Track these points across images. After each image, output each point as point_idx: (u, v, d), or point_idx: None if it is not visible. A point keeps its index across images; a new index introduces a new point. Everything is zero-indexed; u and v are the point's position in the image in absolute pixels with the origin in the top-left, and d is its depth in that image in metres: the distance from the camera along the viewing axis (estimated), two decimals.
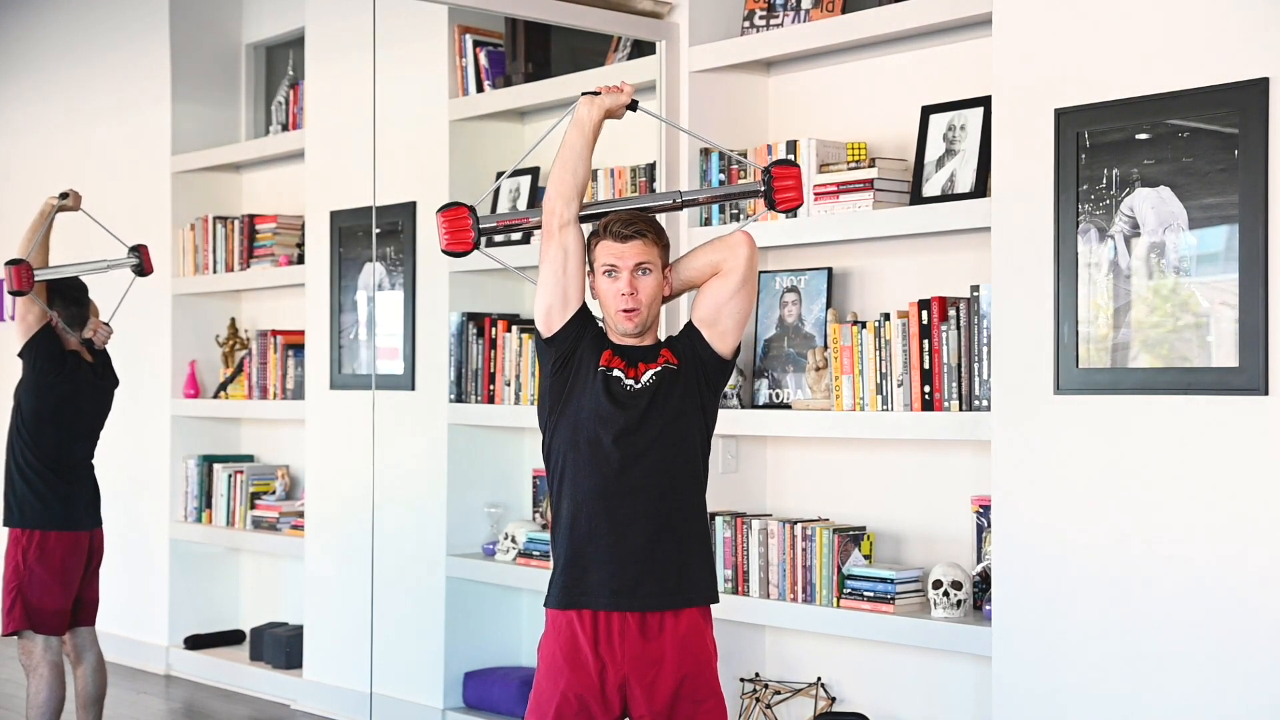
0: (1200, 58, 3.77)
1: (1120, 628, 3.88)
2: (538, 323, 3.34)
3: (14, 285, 4.86)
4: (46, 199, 5.07)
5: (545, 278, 3.32)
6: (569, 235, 3.31)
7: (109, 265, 5.17)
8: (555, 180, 3.34)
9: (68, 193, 5.09)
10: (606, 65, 5.36)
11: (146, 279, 5.28)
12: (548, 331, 3.33)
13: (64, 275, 5.00)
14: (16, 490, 4.88)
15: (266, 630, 6.27)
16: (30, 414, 4.90)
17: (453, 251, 3.45)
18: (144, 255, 5.22)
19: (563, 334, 3.32)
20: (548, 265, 3.32)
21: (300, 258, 6.24)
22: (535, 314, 3.34)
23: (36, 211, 5.06)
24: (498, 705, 5.51)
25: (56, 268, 5.04)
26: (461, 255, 3.46)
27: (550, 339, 3.33)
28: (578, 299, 3.33)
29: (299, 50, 6.31)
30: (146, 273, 5.25)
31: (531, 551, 5.43)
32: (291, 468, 6.42)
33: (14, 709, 5.27)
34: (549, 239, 3.32)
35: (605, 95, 3.40)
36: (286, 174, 6.35)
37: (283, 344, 6.27)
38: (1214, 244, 3.74)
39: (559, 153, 3.37)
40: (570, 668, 3.27)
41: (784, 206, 3.51)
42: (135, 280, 5.21)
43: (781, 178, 3.49)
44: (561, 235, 3.31)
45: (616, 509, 3.27)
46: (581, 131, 3.36)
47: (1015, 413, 4.11)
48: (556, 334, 3.32)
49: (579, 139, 3.36)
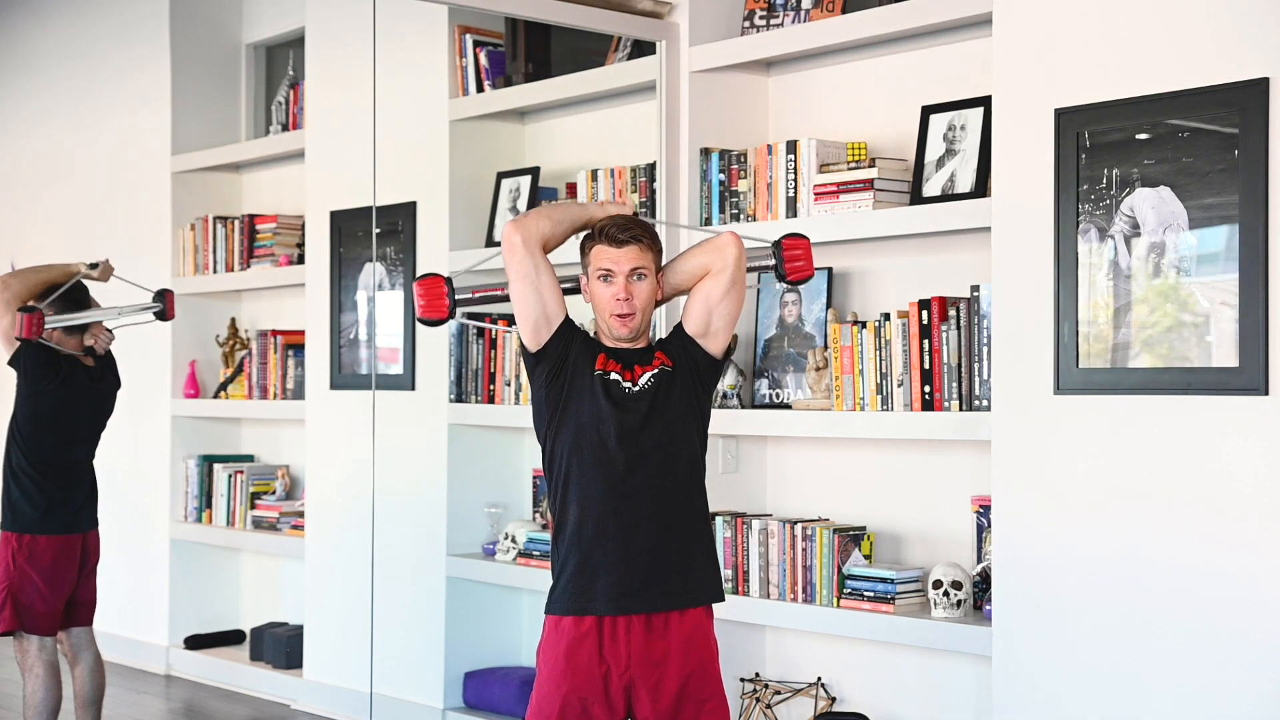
0: (1200, 58, 3.77)
1: (1120, 627, 3.88)
2: (524, 339, 3.35)
3: (22, 333, 4.77)
4: (77, 264, 4.97)
5: (523, 295, 3.32)
6: (535, 250, 3.32)
7: (127, 311, 5.10)
8: (532, 218, 3.37)
9: (98, 264, 5.00)
10: (606, 65, 5.36)
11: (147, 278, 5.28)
12: (535, 345, 3.34)
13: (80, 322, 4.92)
14: (11, 494, 4.87)
15: (266, 630, 6.27)
16: (24, 419, 4.88)
17: (428, 319, 3.53)
18: (168, 301, 5.21)
19: (551, 346, 3.33)
20: (521, 283, 3.32)
21: (300, 258, 6.24)
22: (521, 331, 3.35)
23: (56, 264, 4.95)
24: (498, 705, 5.51)
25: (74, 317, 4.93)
26: (438, 324, 3.55)
27: (539, 353, 3.34)
28: (560, 310, 3.34)
29: (299, 50, 6.31)
30: (169, 318, 5.26)
31: (531, 551, 5.43)
32: (291, 468, 6.42)
33: (12, 709, 5.27)
34: (512, 254, 3.32)
35: (610, 205, 3.48)
36: (286, 174, 6.35)
37: (283, 344, 6.27)
38: (1214, 244, 3.74)
39: (549, 205, 3.44)
40: (573, 670, 3.27)
41: (794, 278, 3.56)
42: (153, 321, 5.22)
43: (791, 248, 3.54)
44: (526, 249, 3.31)
45: (623, 511, 3.28)
46: (582, 214, 3.44)
47: (1015, 413, 4.11)
48: (545, 347, 3.33)
49: (573, 214, 3.43)
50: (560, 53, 5.56)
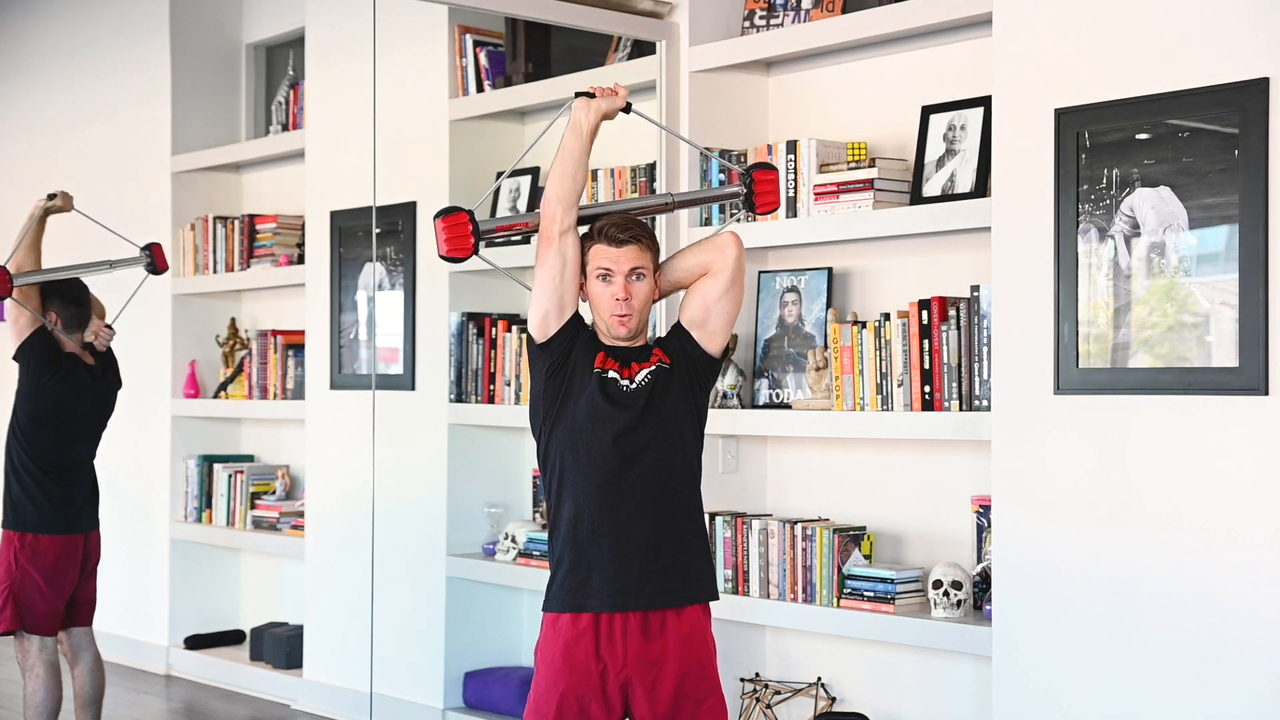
0: (1200, 58, 3.77)
1: (1120, 627, 3.88)
2: (531, 328, 3.34)
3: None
4: (35, 201, 5.00)
5: (543, 284, 3.31)
6: (568, 242, 3.30)
7: (116, 265, 5.08)
8: (554, 185, 3.32)
9: (55, 194, 4.99)
10: (606, 65, 5.36)
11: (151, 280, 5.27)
12: (542, 337, 3.33)
13: (66, 276, 4.94)
14: (12, 493, 4.87)
15: (266, 630, 6.27)
16: (26, 417, 4.88)
17: (451, 257, 3.40)
18: (157, 254, 5.14)
19: (557, 339, 3.33)
20: (545, 272, 3.31)
21: (300, 258, 6.24)
22: (530, 318, 3.34)
23: (24, 222, 4.97)
24: (498, 705, 5.51)
25: (59, 269, 4.96)
26: (460, 261, 3.43)
27: (545, 344, 3.33)
28: (573, 305, 3.34)
29: (299, 50, 6.31)
30: (160, 271, 5.18)
31: (531, 551, 5.43)
32: (291, 468, 6.42)
33: (12, 709, 5.27)
34: (547, 244, 3.31)
35: (601, 99, 3.37)
36: (286, 174, 6.35)
37: (283, 344, 6.27)
38: (1214, 244, 3.74)
39: (557, 157, 3.36)
40: (570, 669, 3.27)
41: (763, 210, 3.56)
42: (148, 279, 5.14)
43: (762, 180, 3.53)
44: (561, 242, 3.30)
45: (618, 508, 3.28)
46: (579, 136, 3.35)
47: (1015, 413, 4.11)
48: (551, 339, 3.33)
49: (576, 143, 3.35)
50: (560, 53, 5.56)
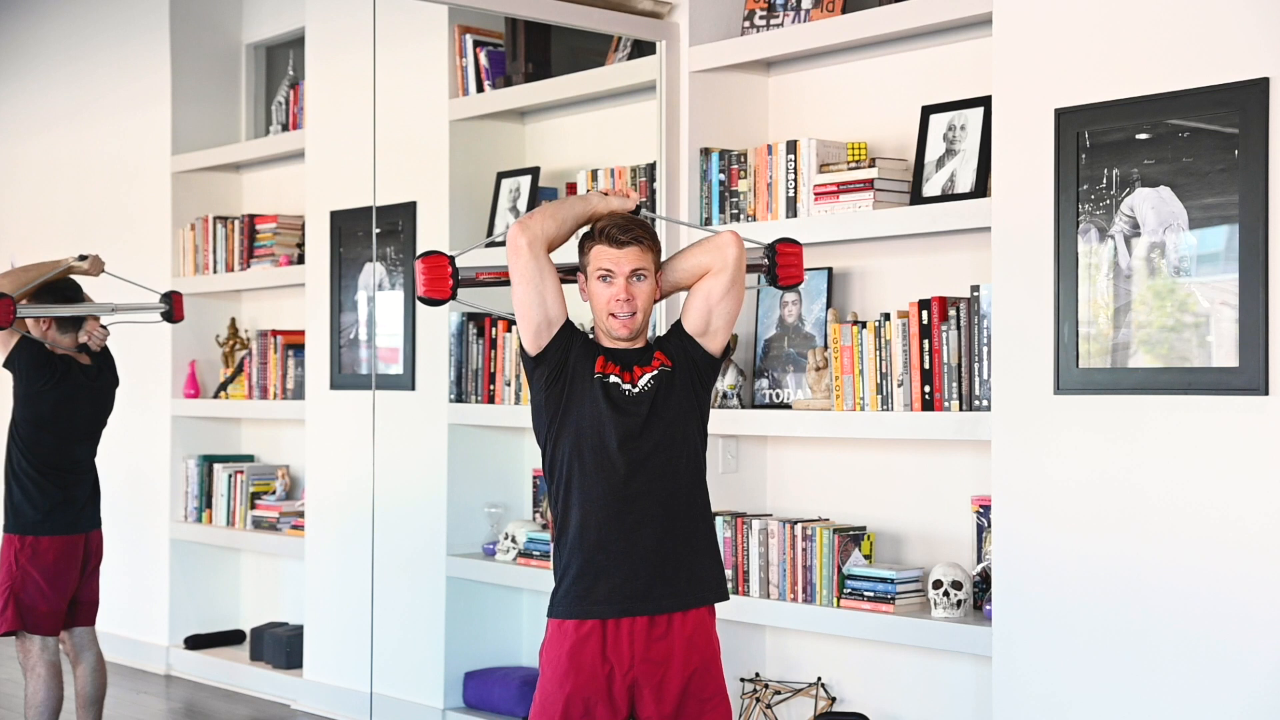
0: (1200, 58, 3.77)
1: (1120, 627, 3.88)
2: (524, 342, 3.34)
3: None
4: (66, 258, 4.96)
5: (526, 298, 3.30)
6: (540, 253, 3.30)
7: (125, 309, 5.09)
8: (536, 218, 3.32)
9: (87, 256, 4.99)
10: (606, 65, 5.36)
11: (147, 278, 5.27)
12: (535, 349, 3.33)
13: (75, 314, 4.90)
14: (13, 495, 4.86)
15: (266, 630, 6.27)
16: (23, 420, 4.87)
17: (430, 299, 3.46)
18: (175, 302, 5.18)
19: (551, 349, 3.32)
20: (524, 286, 3.30)
21: (300, 258, 6.24)
22: (521, 334, 3.34)
23: (47, 261, 4.93)
24: (498, 705, 5.51)
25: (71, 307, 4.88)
26: (438, 304, 3.48)
27: (539, 355, 3.33)
28: (561, 313, 3.33)
29: (299, 50, 6.31)
30: (177, 320, 5.24)
31: (531, 551, 5.43)
32: (291, 468, 6.42)
33: (13, 709, 5.27)
34: (517, 257, 3.29)
35: (614, 197, 3.42)
36: (286, 174, 6.35)
37: (283, 344, 6.27)
38: (1214, 244, 3.74)
39: (553, 204, 3.37)
40: (577, 671, 3.27)
41: (786, 283, 3.59)
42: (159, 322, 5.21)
43: (785, 253, 3.56)
44: (531, 252, 3.28)
45: (626, 514, 3.28)
46: (585, 208, 3.39)
47: (1015, 413, 4.11)
48: (545, 350, 3.32)
49: (576, 210, 3.38)
50: (560, 53, 5.56)
